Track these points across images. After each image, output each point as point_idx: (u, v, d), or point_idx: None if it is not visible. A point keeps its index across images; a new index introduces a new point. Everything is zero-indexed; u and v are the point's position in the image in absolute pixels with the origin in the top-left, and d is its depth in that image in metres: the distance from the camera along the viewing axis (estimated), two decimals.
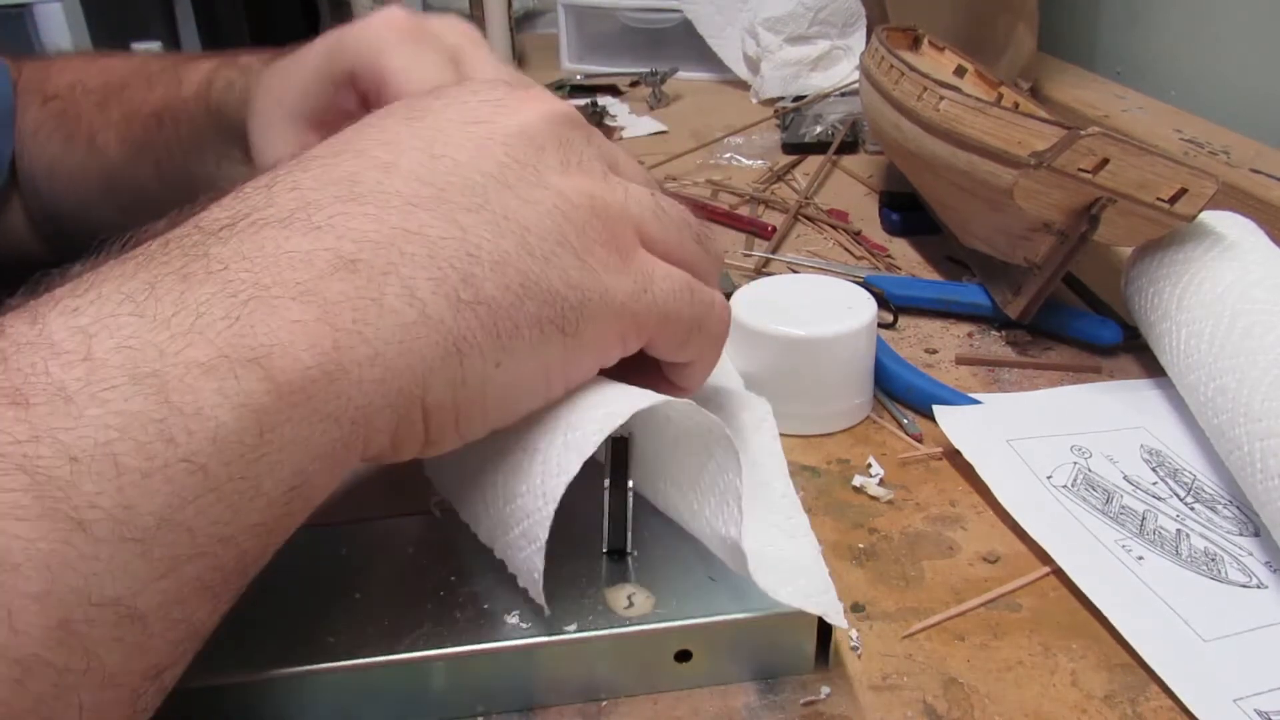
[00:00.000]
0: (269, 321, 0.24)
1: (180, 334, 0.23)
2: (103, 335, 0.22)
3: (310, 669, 0.30)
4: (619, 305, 0.30)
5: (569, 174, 0.30)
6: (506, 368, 0.28)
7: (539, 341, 0.28)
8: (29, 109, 0.53)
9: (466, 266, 0.27)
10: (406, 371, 0.26)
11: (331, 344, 0.25)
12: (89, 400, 0.21)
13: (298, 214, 0.26)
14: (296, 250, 0.25)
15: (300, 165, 0.28)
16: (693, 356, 0.34)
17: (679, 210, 0.34)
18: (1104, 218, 0.48)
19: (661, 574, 0.33)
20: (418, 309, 0.26)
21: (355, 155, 0.29)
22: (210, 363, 0.23)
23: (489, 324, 0.27)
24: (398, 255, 0.26)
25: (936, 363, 0.53)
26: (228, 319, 0.24)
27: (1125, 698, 0.32)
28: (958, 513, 0.42)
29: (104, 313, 0.23)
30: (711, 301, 0.34)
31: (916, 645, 0.35)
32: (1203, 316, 0.44)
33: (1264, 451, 0.37)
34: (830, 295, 0.48)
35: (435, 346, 0.26)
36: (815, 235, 0.70)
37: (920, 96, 0.57)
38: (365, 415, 0.26)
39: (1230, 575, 0.37)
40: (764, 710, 0.32)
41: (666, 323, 0.32)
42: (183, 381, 0.22)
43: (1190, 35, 0.85)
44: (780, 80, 0.99)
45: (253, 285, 0.24)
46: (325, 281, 0.25)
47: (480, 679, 0.31)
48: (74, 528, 0.20)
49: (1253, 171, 0.66)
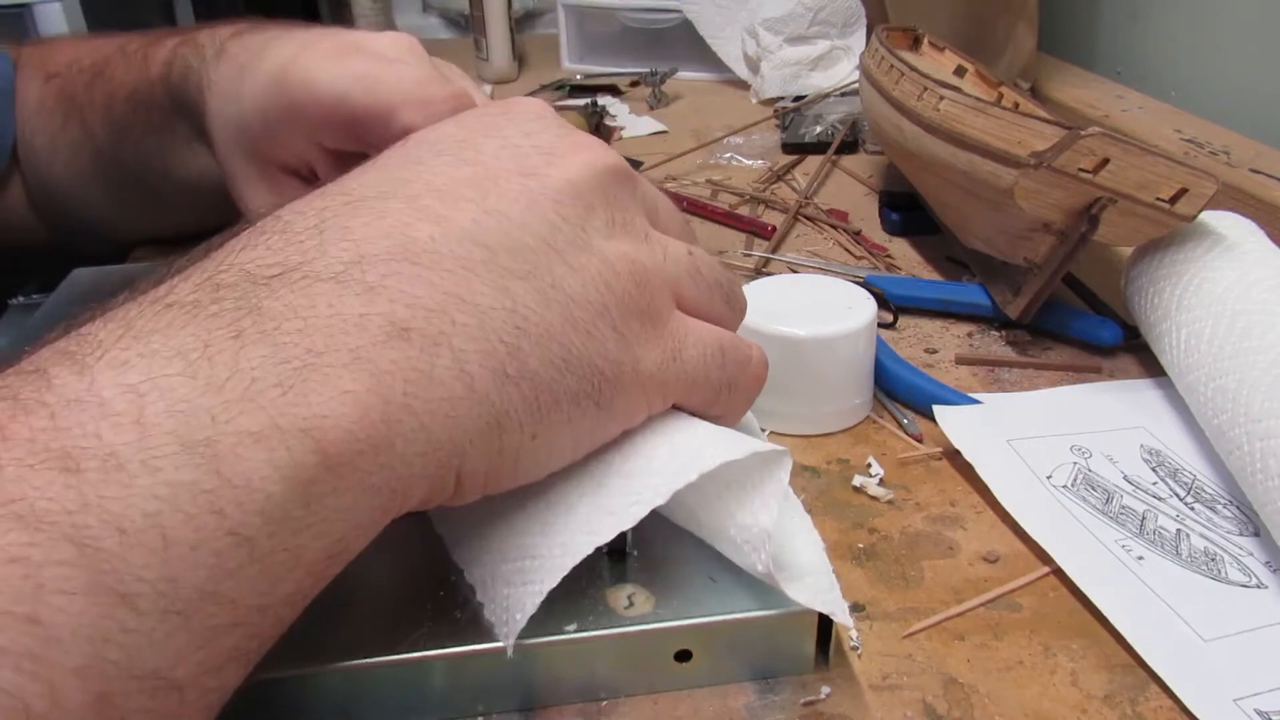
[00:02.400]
0: (322, 391, 0.24)
1: (233, 401, 0.23)
2: (154, 396, 0.22)
3: (310, 669, 0.30)
4: (648, 376, 0.30)
5: (614, 237, 0.30)
6: (541, 439, 0.28)
7: (574, 414, 0.28)
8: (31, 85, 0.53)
9: (514, 340, 0.27)
10: (448, 444, 0.26)
11: (381, 416, 0.24)
12: (140, 468, 0.21)
13: (351, 270, 0.26)
14: (350, 313, 0.25)
15: (351, 207, 0.27)
16: (721, 413, 0.34)
17: (712, 266, 0.33)
18: (1104, 218, 0.48)
19: (661, 574, 0.33)
20: (465, 383, 0.26)
21: (407, 203, 0.28)
22: (262, 432, 0.22)
23: (530, 398, 0.27)
24: (449, 324, 0.26)
25: (936, 363, 0.53)
26: (280, 387, 0.23)
27: (1125, 698, 0.32)
28: (958, 513, 0.42)
29: (155, 371, 0.22)
30: (746, 360, 0.33)
31: (916, 645, 0.35)
32: (1203, 316, 0.44)
33: (1264, 451, 0.37)
34: (830, 295, 0.48)
35: (478, 420, 0.26)
36: (815, 235, 0.70)
37: (920, 96, 0.57)
38: (405, 484, 0.26)
39: (1230, 575, 0.37)
40: (764, 710, 0.32)
41: (694, 389, 0.32)
42: (234, 451, 0.22)
43: (1190, 35, 0.85)
44: (780, 80, 0.99)
45: (306, 350, 0.24)
46: (378, 349, 0.25)
47: (480, 679, 0.31)
48: (119, 602, 0.20)
49: (1253, 171, 0.66)
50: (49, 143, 0.53)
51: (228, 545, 0.22)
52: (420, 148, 0.31)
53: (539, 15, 1.43)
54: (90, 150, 0.51)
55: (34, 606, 0.19)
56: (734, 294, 0.34)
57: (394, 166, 0.30)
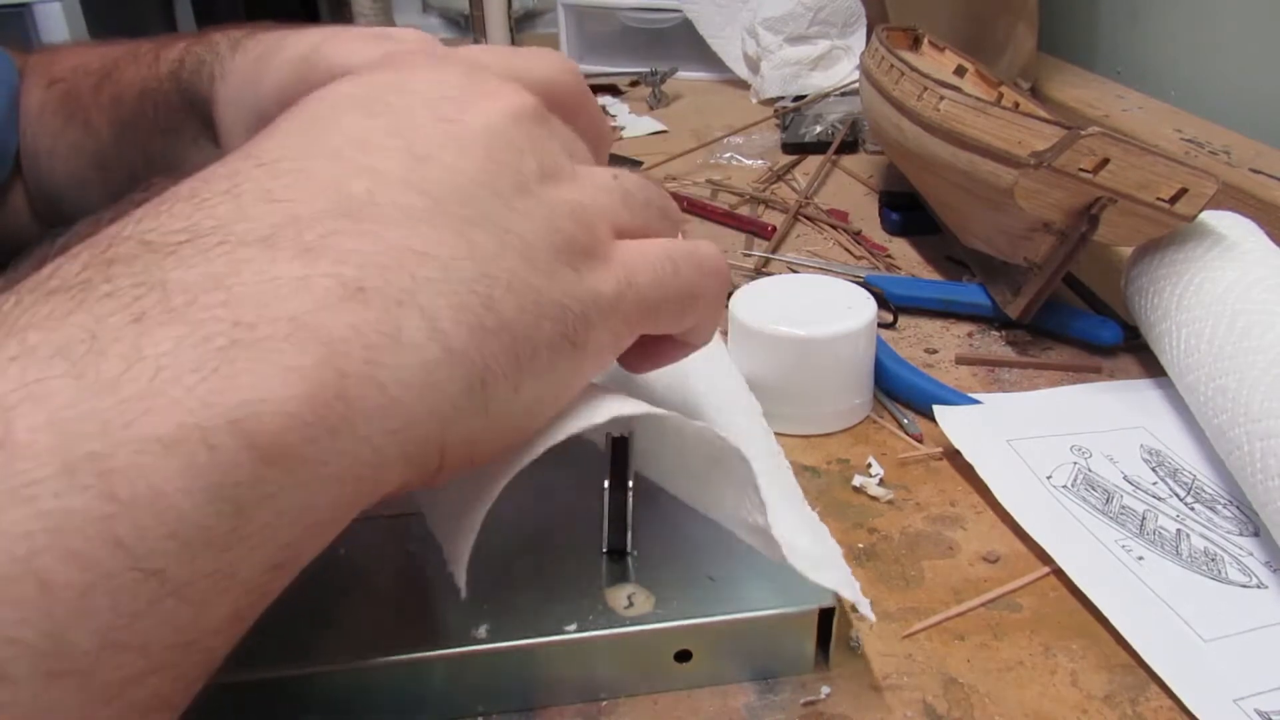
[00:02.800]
0: (256, 370, 0.20)
1: (133, 399, 0.18)
2: (26, 407, 0.18)
3: (310, 669, 0.30)
4: (610, 308, 0.28)
5: (546, 180, 0.28)
6: (525, 390, 0.26)
7: (554, 359, 0.26)
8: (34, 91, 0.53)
9: (486, 289, 0.24)
10: (428, 416, 0.23)
11: (336, 393, 0.21)
12: (7, 500, 0.17)
13: (282, 231, 0.22)
14: (287, 275, 0.21)
15: (266, 169, 0.24)
16: (695, 323, 0.32)
17: (641, 185, 0.32)
18: (1104, 218, 0.48)
19: (661, 574, 0.33)
20: (440, 343, 0.23)
21: (328, 159, 0.25)
22: (173, 435, 0.18)
23: (510, 349, 0.25)
24: (409, 279, 0.23)
25: (936, 363, 0.53)
26: (198, 372, 0.19)
27: (1125, 698, 0.32)
28: (958, 513, 0.42)
29: (30, 374, 0.18)
30: (699, 260, 0.31)
31: (916, 645, 0.35)
32: (1203, 316, 0.44)
33: (1264, 451, 0.37)
34: (830, 295, 0.48)
35: (460, 382, 0.23)
36: (815, 235, 0.70)
37: (920, 96, 0.57)
38: (373, 470, 0.22)
39: (1230, 575, 0.37)
40: (764, 710, 0.32)
41: (658, 309, 0.30)
42: (134, 464, 0.18)
43: (1190, 35, 0.85)
44: (780, 80, 0.99)
45: (232, 324, 0.20)
46: (329, 314, 0.21)
47: (480, 679, 0.31)
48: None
49: (1253, 171, 0.66)
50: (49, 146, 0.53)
51: (130, 582, 0.18)
52: (321, 105, 0.28)
53: (539, 15, 1.44)
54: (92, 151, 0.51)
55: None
56: (666, 207, 0.33)
57: (301, 127, 0.27)
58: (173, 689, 0.20)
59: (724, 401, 0.42)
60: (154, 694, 0.19)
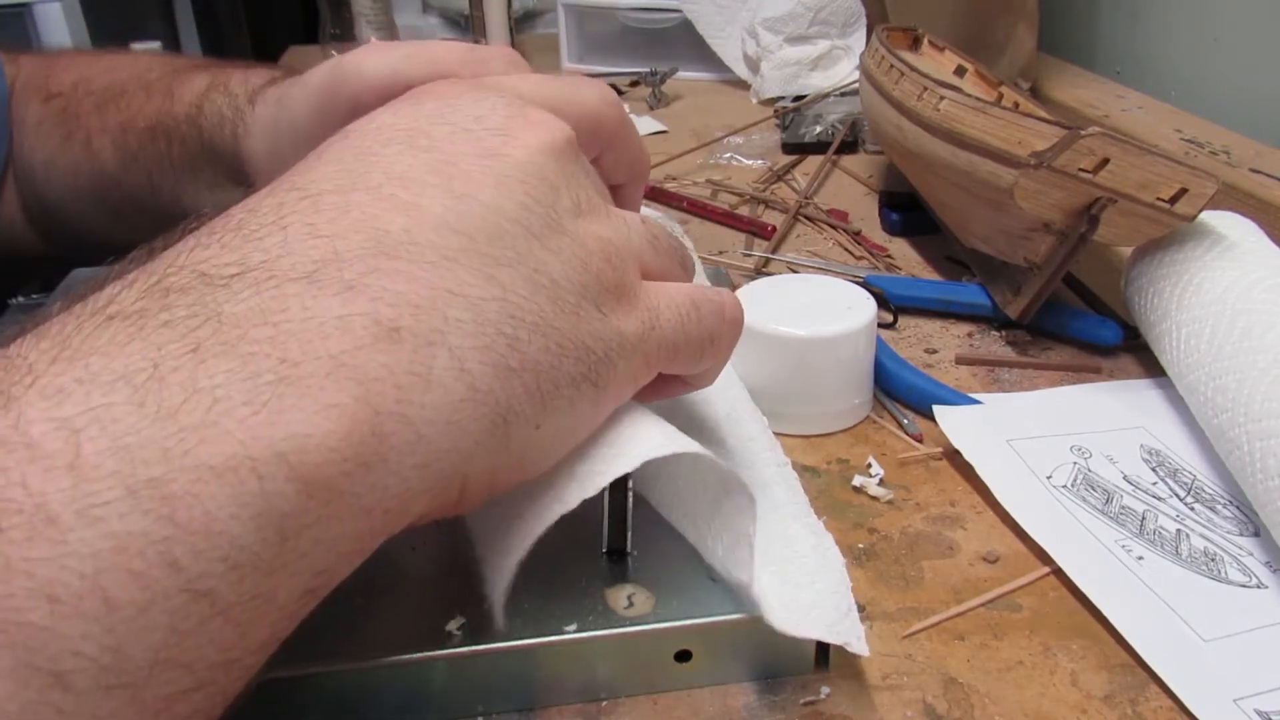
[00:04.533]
0: (301, 407, 0.21)
1: (191, 429, 0.20)
2: (93, 431, 0.19)
3: (311, 669, 0.30)
4: (632, 349, 0.29)
5: (581, 217, 0.29)
6: (545, 429, 0.27)
7: (575, 397, 0.27)
8: (31, 104, 0.53)
9: (512, 330, 0.25)
10: (452, 452, 0.24)
11: (371, 430, 0.22)
12: (75, 520, 0.18)
13: (325, 268, 0.23)
14: (327, 315, 0.22)
15: (310, 201, 0.25)
16: (710, 366, 0.33)
17: (664, 232, 0.33)
18: (1104, 218, 0.48)
19: (661, 574, 0.33)
20: (467, 383, 0.24)
21: (370, 194, 0.26)
22: (226, 464, 0.20)
23: (533, 389, 0.26)
24: (442, 320, 0.24)
25: (936, 363, 0.53)
26: (250, 405, 0.20)
27: (1125, 698, 0.32)
28: (958, 513, 0.42)
29: (94, 400, 0.19)
30: (721, 309, 0.32)
31: (916, 645, 0.35)
32: (1203, 316, 0.44)
33: (1264, 451, 0.37)
34: (830, 295, 0.48)
35: (483, 420, 0.24)
36: (815, 235, 0.70)
37: (920, 96, 0.57)
38: (401, 502, 0.23)
39: (1230, 575, 0.37)
40: (764, 710, 0.32)
41: (678, 351, 0.31)
42: (191, 491, 0.19)
43: (1190, 35, 0.85)
44: (780, 80, 0.99)
45: (279, 361, 0.21)
46: (365, 354, 0.22)
47: (480, 679, 0.31)
48: (51, 683, 0.18)
49: (1253, 171, 0.66)
50: (46, 160, 0.53)
51: (184, 603, 0.19)
52: (365, 139, 0.28)
53: (539, 15, 1.44)
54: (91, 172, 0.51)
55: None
56: (685, 256, 0.34)
57: (345, 159, 0.27)
58: (211, 704, 0.21)
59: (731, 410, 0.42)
60: (195, 709, 0.20)
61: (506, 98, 0.30)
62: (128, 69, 0.52)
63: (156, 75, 0.50)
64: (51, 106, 0.53)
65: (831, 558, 0.34)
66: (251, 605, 0.21)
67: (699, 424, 0.41)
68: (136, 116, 0.49)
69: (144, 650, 0.19)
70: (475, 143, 0.28)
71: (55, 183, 0.53)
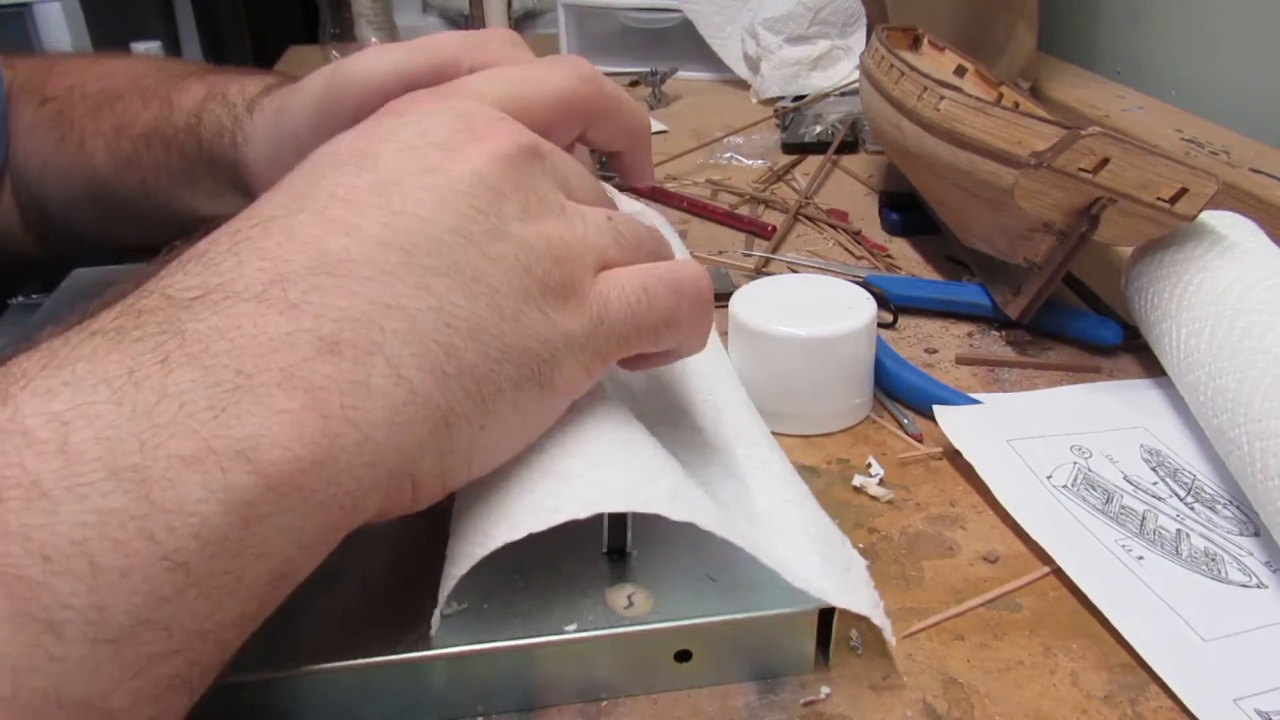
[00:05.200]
0: (256, 411, 0.23)
1: (163, 425, 0.22)
2: (80, 424, 0.22)
3: (310, 669, 0.30)
4: (579, 347, 0.30)
5: (529, 219, 0.30)
6: (490, 429, 0.28)
7: (519, 399, 0.29)
8: (26, 108, 0.53)
9: (447, 338, 0.27)
10: (396, 452, 0.26)
11: (320, 431, 0.24)
12: (65, 495, 0.21)
13: (272, 289, 0.25)
14: (276, 332, 0.25)
15: (261, 228, 0.27)
16: (675, 346, 0.33)
17: (632, 227, 0.33)
18: (1104, 217, 0.48)
19: (661, 574, 0.33)
20: (405, 388, 0.26)
21: (315, 215, 0.28)
22: (194, 455, 0.22)
23: (474, 392, 0.27)
24: (379, 332, 0.26)
25: (936, 363, 0.53)
26: (212, 409, 0.23)
27: (1125, 698, 0.32)
28: (958, 513, 0.42)
29: (80, 398, 0.22)
30: (677, 288, 0.32)
31: (916, 645, 0.35)
32: (1203, 316, 0.44)
33: (1264, 451, 0.37)
34: (830, 295, 0.48)
35: (425, 422, 0.26)
36: (815, 235, 0.70)
37: (920, 96, 0.57)
38: (354, 498, 0.25)
39: (1230, 575, 0.37)
40: (764, 710, 0.32)
41: (629, 341, 0.31)
42: (165, 476, 0.22)
43: (1190, 35, 0.85)
44: (780, 80, 0.99)
45: (235, 372, 0.24)
46: (310, 365, 0.25)
47: (480, 679, 0.31)
48: (44, 629, 0.20)
49: (1253, 171, 0.66)
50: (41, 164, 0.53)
51: (161, 571, 0.21)
52: (320, 164, 0.30)
53: (539, 15, 1.44)
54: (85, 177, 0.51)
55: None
56: (658, 251, 0.34)
57: (298, 185, 0.29)
58: (190, 672, 0.23)
59: (723, 402, 0.42)
60: (174, 673, 0.22)
61: (460, 107, 0.31)
62: (123, 74, 0.52)
63: (153, 82, 0.50)
64: (46, 111, 0.53)
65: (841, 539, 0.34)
66: (222, 581, 0.23)
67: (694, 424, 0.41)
68: (133, 122, 0.49)
69: (126, 610, 0.21)
70: (418, 159, 0.29)
71: (50, 186, 0.53)
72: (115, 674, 0.21)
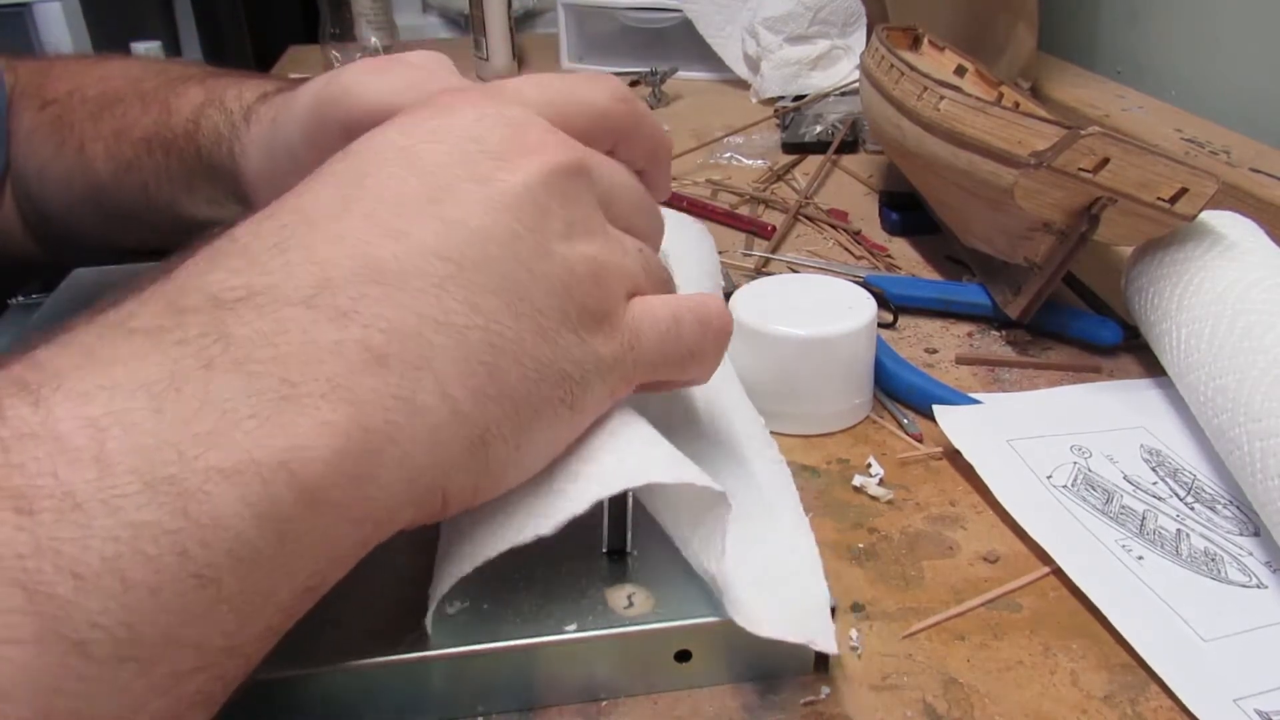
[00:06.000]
0: (300, 422, 0.23)
1: (203, 435, 0.22)
2: (116, 431, 0.21)
3: (310, 669, 0.30)
4: (608, 370, 0.30)
5: (572, 238, 0.29)
6: (524, 448, 0.28)
7: (552, 420, 0.29)
8: (26, 112, 0.53)
9: (492, 359, 0.27)
10: (433, 468, 0.26)
11: (362, 446, 0.24)
12: (99, 508, 0.20)
13: (321, 295, 0.25)
14: (324, 340, 0.24)
15: (309, 226, 0.26)
16: (694, 377, 0.34)
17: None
18: (1104, 217, 0.48)
19: (661, 574, 0.33)
20: (450, 406, 0.26)
21: (364, 219, 0.27)
22: (234, 468, 0.22)
23: (511, 413, 0.27)
24: (427, 347, 0.25)
25: (936, 363, 0.53)
26: (256, 418, 0.22)
27: (1125, 698, 0.32)
28: (958, 513, 0.42)
29: (117, 404, 0.21)
30: (705, 322, 0.32)
31: (916, 645, 0.35)
32: (1203, 316, 0.44)
33: (1264, 451, 0.37)
34: (830, 295, 0.48)
35: (463, 441, 0.26)
36: (815, 235, 0.70)
37: (920, 96, 0.57)
38: (389, 513, 0.25)
39: (1230, 575, 0.37)
40: (764, 710, 0.32)
41: (656, 369, 0.32)
42: (202, 489, 0.21)
43: (1190, 35, 0.85)
44: (780, 80, 0.99)
45: (280, 380, 0.23)
46: (356, 378, 0.24)
47: (480, 679, 0.31)
48: (71, 649, 0.19)
49: (1253, 171, 0.66)
50: (40, 168, 0.53)
51: (192, 588, 0.21)
52: (364, 160, 0.29)
53: (539, 15, 1.44)
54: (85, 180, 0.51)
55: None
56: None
57: (344, 182, 0.28)
58: (214, 688, 0.23)
59: (725, 407, 0.42)
60: (199, 689, 0.22)
61: (508, 113, 0.31)
62: (121, 77, 0.52)
63: (151, 85, 0.50)
64: (46, 114, 0.53)
65: (808, 555, 0.34)
66: (252, 598, 0.22)
67: (691, 420, 0.41)
68: (132, 126, 0.49)
69: (156, 628, 0.21)
70: (470, 167, 0.29)
71: (50, 190, 0.53)
72: (142, 693, 0.21)
